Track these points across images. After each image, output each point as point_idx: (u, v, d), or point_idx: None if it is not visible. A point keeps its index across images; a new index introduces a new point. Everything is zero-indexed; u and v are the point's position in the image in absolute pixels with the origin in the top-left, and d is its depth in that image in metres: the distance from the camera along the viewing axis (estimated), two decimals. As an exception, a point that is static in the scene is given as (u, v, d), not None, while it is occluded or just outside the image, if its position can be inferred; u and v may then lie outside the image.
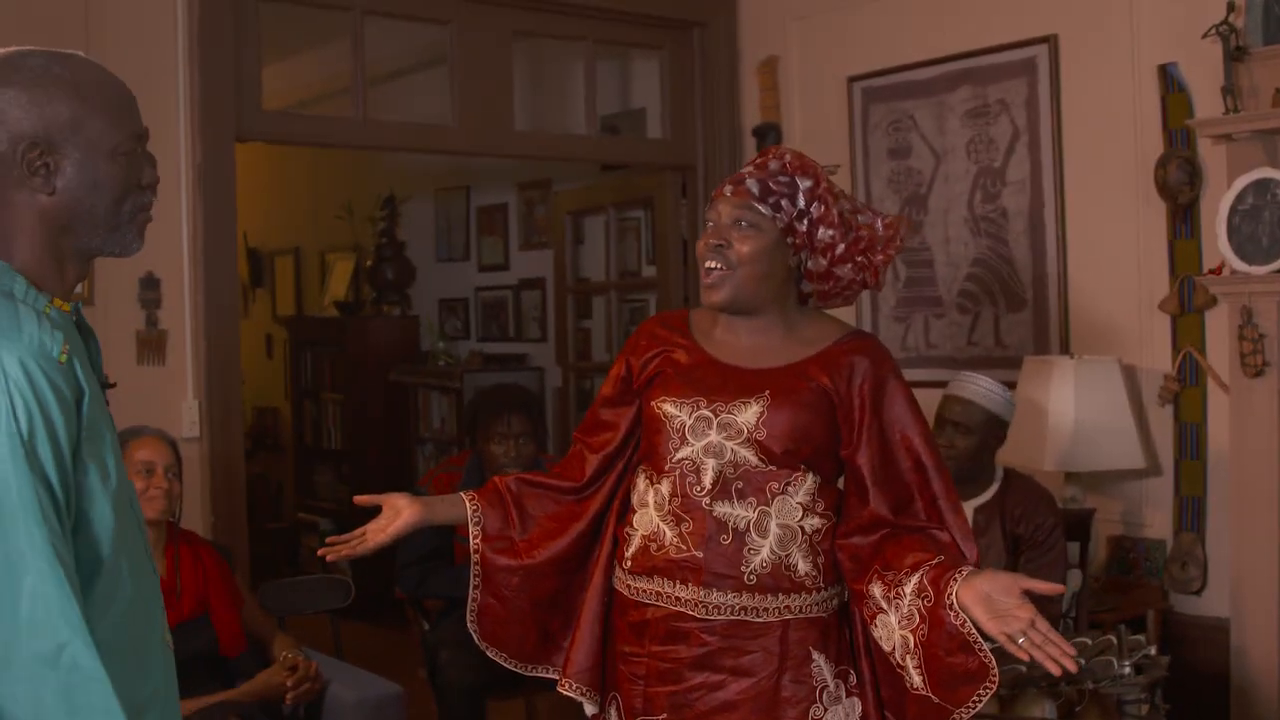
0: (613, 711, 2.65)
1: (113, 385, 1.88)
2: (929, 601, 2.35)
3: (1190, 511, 4.31)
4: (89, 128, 1.76)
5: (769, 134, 5.52)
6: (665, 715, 2.55)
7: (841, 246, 2.57)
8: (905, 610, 2.39)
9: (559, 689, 2.68)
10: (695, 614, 2.52)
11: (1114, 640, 3.21)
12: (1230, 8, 3.96)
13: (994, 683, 2.31)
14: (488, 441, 4.53)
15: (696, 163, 5.71)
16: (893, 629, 2.42)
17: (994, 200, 4.81)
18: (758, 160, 2.61)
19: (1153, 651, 3.23)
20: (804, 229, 2.56)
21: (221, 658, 3.70)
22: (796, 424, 2.52)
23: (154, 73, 4.29)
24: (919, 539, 2.49)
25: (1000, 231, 4.80)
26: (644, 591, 2.59)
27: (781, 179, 2.56)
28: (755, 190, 2.55)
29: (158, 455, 3.62)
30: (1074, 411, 4.18)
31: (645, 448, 2.67)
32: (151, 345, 4.33)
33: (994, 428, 3.85)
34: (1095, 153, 4.51)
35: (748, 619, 2.52)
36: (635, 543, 2.62)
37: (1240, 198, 3.90)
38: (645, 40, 5.70)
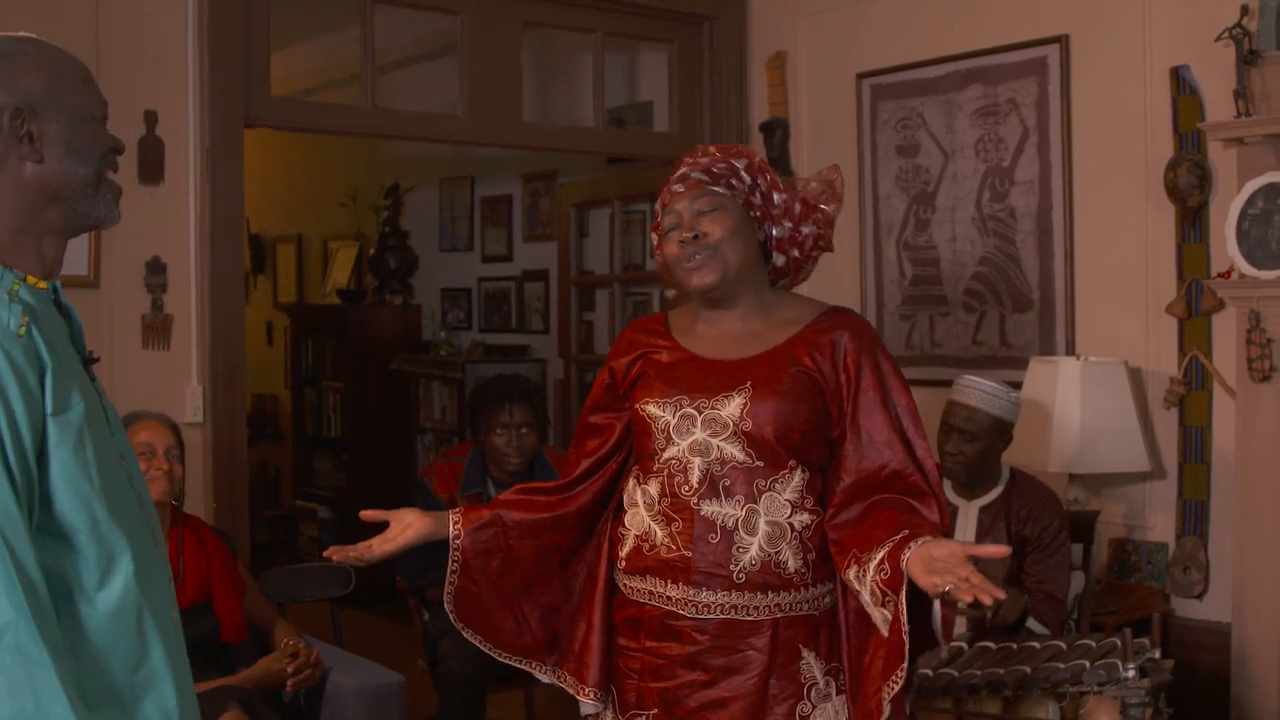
0: (607, 706, 2.65)
1: (96, 360, 1.87)
2: (886, 575, 2.33)
3: (1193, 515, 4.30)
4: (65, 97, 1.81)
5: (776, 129, 5.51)
6: (656, 711, 2.56)
7: (797, 205, 2.63)
8: (869, 588, 2.37)
9: (580, 698, 2.68)
10: (686, 613, 2.52)
11: (1118, 643, 3.20)
12: (1244, 11, 3.95)
13: (901, 675, 2.30)
14: (489, 432, 4.52)
15: (703, 157, 5.69)
16: (869, 607, 2.41)
17: (1002, 200, 4.80)
18: (686, 160, 2.66)
19: (1157, 655, 3.22)
20: (759, 201, 2.63)
21: (223, 644, 3.69)
22: (780, 410, 2.51)
23: (164, 57, 4.28)
24: (894, 515, 2.45)
25: (1008, 231, 4.79)
26: (638, 590, 2.60)
27: (719, 166, 2.61)
28: (705, 177, 2.61)
29: (157, 437, 3.61)
30: (1079, 413, 4.18)
31: (635, 450, 2.68)
32: (156, 329, 4.32)
33: (1000, 431, 3.85)
34: (1105, 154, 4.50)
35: (738, 618, 2.51)
36: (629, 543, 2.63)
37: (1250, 202, 3.90)
38: (655, 33, 5.69)
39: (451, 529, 2.69)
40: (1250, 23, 3.95)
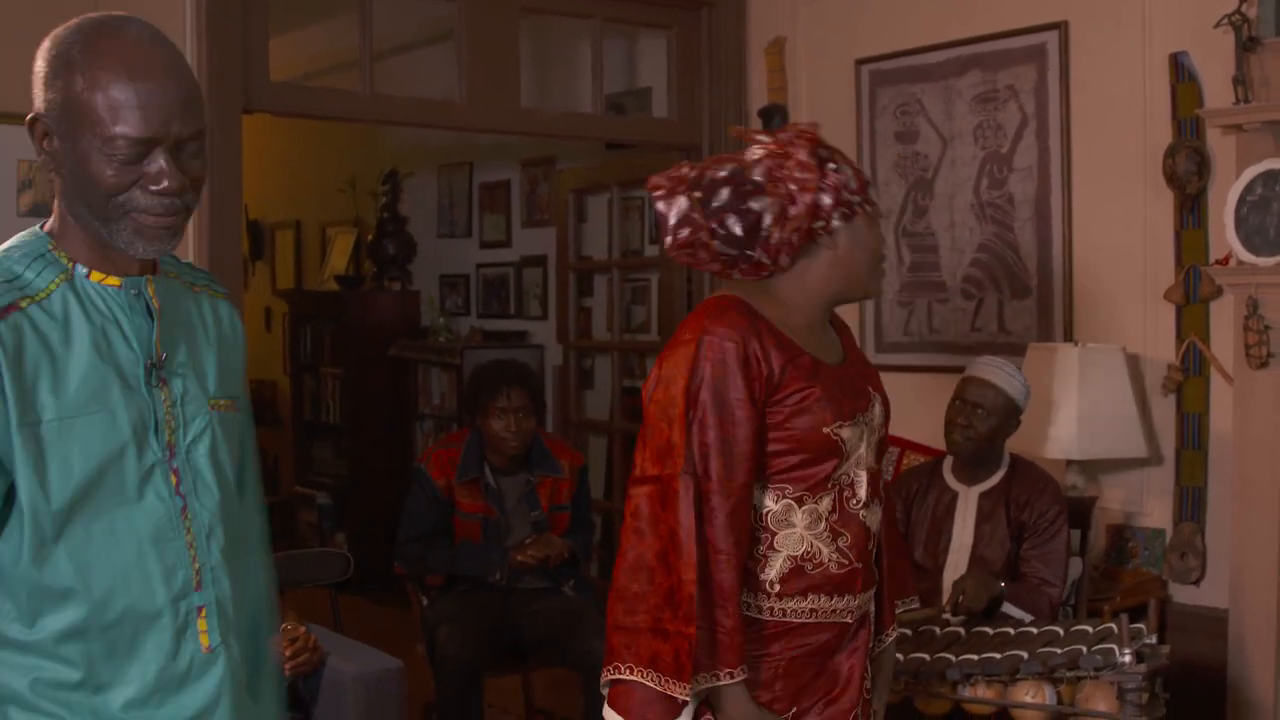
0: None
1: (156, 363, 1.81)
2: None
3: (1190, 501, 4.31)
4: (83, 124, 1.68)
5: (775, 115, 5.50)
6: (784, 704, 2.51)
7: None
8: None
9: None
10: (847, 619, 2.55)
11: (1115, 628, 3.21)
12: (1243, -2, 3.96)
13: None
14: (488, 417, 4.53)
15: (702, 143, 5.68)
16: None
17: (1000, 186, 4.80)
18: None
19: (1154, 641, 3.23)
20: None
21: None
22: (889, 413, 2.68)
23: (161, 42, 4.26)
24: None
25: (1006, 218, 4.79)
26: (796, 611, 2.49)
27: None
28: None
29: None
30: (1077, 399, 4.18)
31: (787, 466, 2.50)
32: (155, 316, 4.31)
33: (1011, 414, 3.84)
34: (1104, 141, 4.49)
35: (868, 609, 2.63)
36: (781, 565, 2.49)
37: (1249, 188, 3.90)
38: (653, 19, 5.68)
39: None
40: (1249, 9, 3.94)
